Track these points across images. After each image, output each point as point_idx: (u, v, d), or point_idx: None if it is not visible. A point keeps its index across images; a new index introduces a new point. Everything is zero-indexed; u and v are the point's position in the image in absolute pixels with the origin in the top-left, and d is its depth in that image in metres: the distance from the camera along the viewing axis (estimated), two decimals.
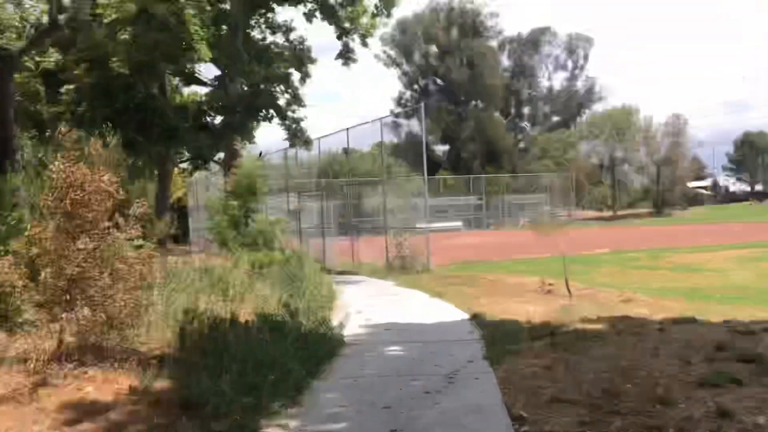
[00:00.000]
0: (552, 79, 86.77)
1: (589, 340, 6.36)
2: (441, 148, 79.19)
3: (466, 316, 8.72)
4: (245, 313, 7.28)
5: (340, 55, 20.29)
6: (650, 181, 70.29)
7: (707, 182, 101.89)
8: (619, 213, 67.25)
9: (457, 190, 57.72)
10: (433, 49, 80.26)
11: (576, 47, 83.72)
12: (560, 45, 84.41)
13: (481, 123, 74.51)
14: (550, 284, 12.60)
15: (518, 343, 6.50)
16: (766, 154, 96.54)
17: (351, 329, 7.83)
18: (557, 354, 5.87)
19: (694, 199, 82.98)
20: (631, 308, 9.49)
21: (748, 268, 19.63)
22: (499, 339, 6.68)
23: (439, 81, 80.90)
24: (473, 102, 79.00)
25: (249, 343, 5.76)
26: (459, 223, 49.79)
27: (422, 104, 19.50)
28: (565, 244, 13.11)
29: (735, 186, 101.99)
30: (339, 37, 20.08)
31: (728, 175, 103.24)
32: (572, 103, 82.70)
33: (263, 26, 22.10)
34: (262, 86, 21.48)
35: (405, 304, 10.85)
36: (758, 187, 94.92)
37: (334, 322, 7.94)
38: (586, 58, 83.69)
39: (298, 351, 6.05)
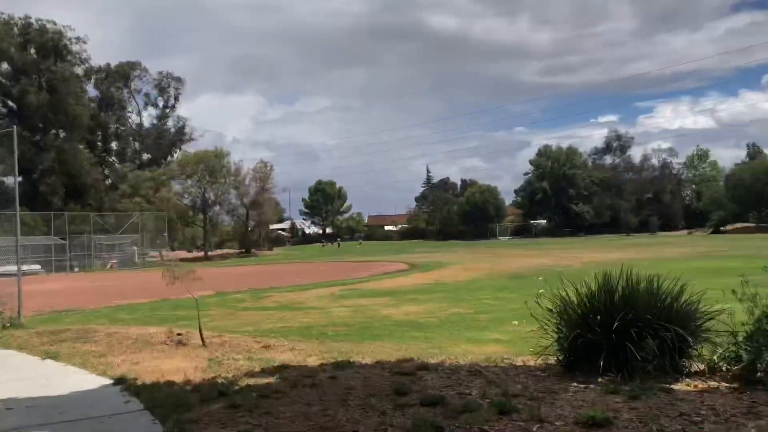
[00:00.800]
0: (142, 116, 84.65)
1: (269, 398, 5.96)
2: (13, 180, 69.46)
3: (107, 381, 7.40)
4: None
5: None
6: (240, 222, 73.39)
7: (286, 225, 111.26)
8: (210, 253, 68.39)
9: (34, 229, 51.16)
10: (5, 66, 70.62)
11: (167, 86, 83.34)
12: (151, 82, 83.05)
13: (64, 154, 67.94)
14: (179, 334, 11.77)
15: (191, 409, 5.72)
16: (334, 201, 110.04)
17: None
18: (246, 419, 5.32)
19: (276, 240, 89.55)
20: (277, 354, 9.39)
21: (341, 304, 21.67)
22: (168, 407, 5.78)
23: (11, 103, 71.32)
24: (53, 131, 71.66)
25: None
26: (37, 266, 44.14)
27: (14, 127, 16.60)
28: (191, 288, 12.43)
29: (310, 229, 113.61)
30: None
31: (304, 218, 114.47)
32: (163, 142, 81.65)
33: None
34: None
35: (12, 371, 8.73)
36: (328, 230, 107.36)
37: None
38: (177, 98, 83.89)
39: None
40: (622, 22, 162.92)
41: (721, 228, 77.98)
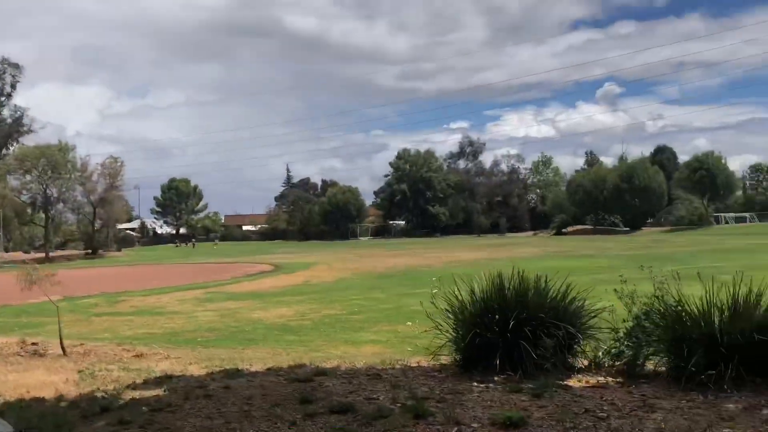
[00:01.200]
0: None
1: (162, 411, 5.46)
2: None
3: None
4: None
5: None
6: (86, 221, 68.45)
7: (136, 224, 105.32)
8: (52, 254, 63.23)
9: None
10: None
11: (2, 72, 75.78)
12: None
13: None
14: (33, 344, 10.71)
15: (73, 429, 5.15)
16: (189, 200, 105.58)
17: None
18: None
19: (124, 241, 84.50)
20: (153, 364, 8.76)
21: (206, 308, 20.85)
22: (45, 428, 5.14)
23: None
24: None
25: None
26: None
27: None
28: (48, 293, 11.36)
29: (162, 228, 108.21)
30: None
31: (156, 218, 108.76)
32: None
33: None
34: None
35: None
36: (182, 230, 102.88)
37: None
38: (14, 86, 76.46)
39: None
40: (473, 33, 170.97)
41: (563, 230, 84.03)
